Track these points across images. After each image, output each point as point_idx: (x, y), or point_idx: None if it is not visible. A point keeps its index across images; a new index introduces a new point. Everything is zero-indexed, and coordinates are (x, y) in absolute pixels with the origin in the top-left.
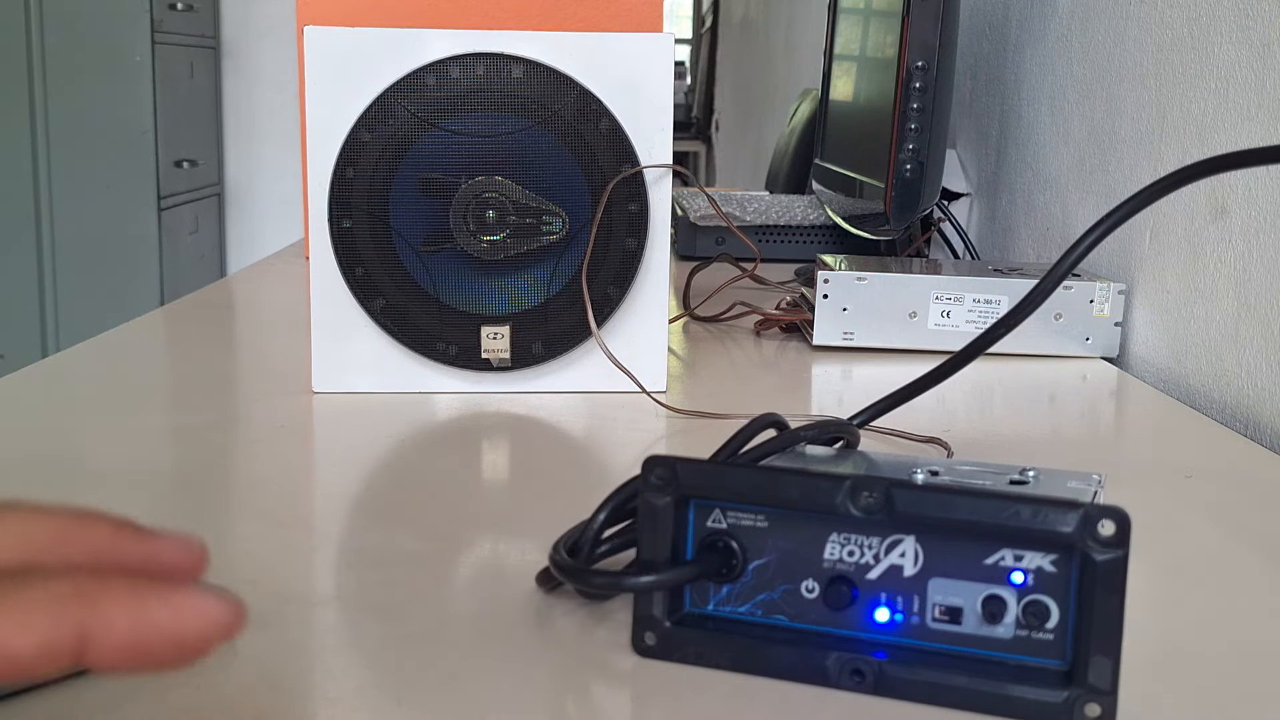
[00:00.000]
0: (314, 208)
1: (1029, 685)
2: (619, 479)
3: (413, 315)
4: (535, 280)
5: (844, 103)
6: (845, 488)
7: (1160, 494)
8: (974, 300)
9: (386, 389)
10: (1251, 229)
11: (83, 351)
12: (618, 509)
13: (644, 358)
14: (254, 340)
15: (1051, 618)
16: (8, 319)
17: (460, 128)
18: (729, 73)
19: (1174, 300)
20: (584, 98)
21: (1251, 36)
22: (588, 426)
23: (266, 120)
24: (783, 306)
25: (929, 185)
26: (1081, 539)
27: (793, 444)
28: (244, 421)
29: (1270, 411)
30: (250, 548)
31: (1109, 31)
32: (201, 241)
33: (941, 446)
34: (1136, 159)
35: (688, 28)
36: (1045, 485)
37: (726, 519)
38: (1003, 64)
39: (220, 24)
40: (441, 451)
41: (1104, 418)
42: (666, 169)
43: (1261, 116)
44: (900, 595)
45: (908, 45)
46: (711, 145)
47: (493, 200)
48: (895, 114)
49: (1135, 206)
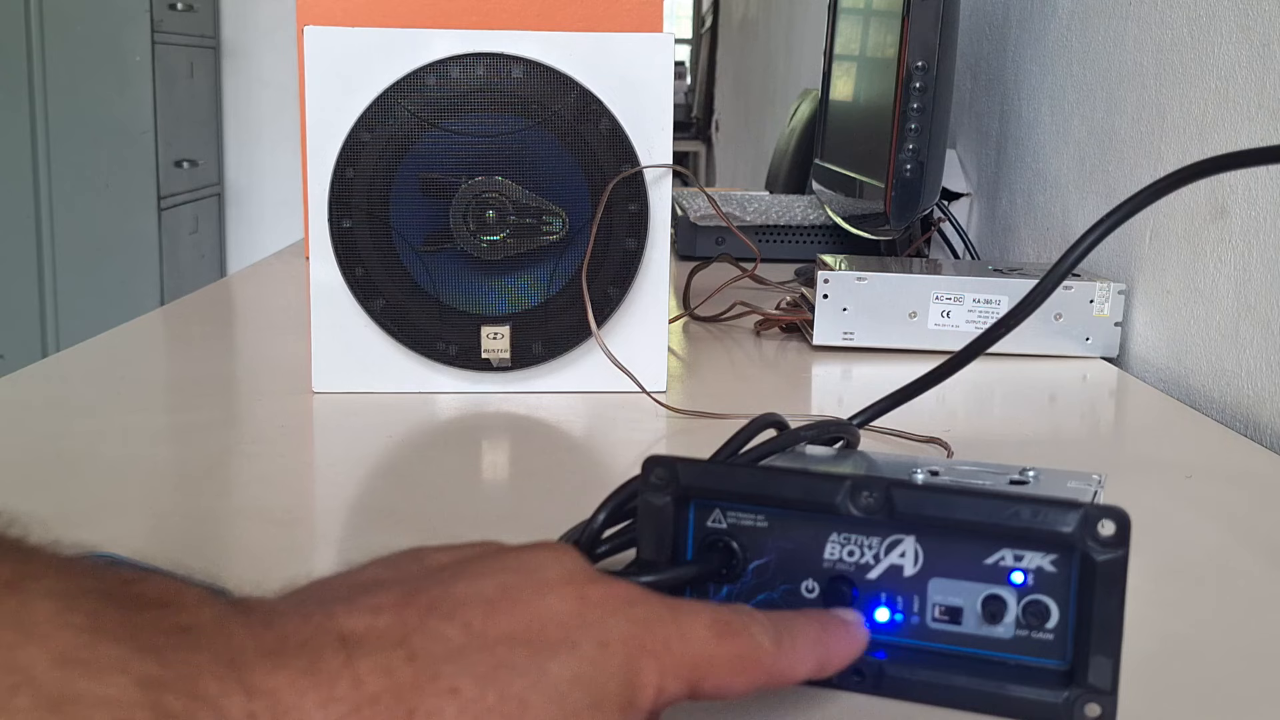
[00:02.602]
0: (314, 208)
1: (1029, 685)
2: (619, 479)
3: (413, 315)
4: (535, 280)
5: (844, 103)
6: (845, 488)
7: (1160, 494)
8: (974, 300)
9: (386, 389)
10: (1251, 229)
11: (83, 351)
12: (618, 509)
13: (644, 358)
14: (254, 340)
15: (1051, 618)
16: (8, 319)
17: (460, 128)
18: (729, 73)
19: (1174, 300)
20: (584, 98)
21: (1251, 36)
22: (588, 426)
23: (266, 120)
24: (783, 306)
25: (929, 185)
26: (1081, 539)
27: (793, 444)
28: (244, 421)
29: (1270, 411)
30: (250, 548)
31: (1109, 31)
32: (201, 241)
33: (941, 446)
34: (1136, 159)
35: (688, 28)
36: (1045, 485)
37: (726, 519)
38: (1003, 64)
39: (220, 24)
40: (441, 451)
41: (1104, 418)
42: (666, 169)
43: (1261, 116)
44: (900, 595)
45: (908, 45)
46: (711, 145)
47: (493, 200)
48: (895, 114)
49: (1135, 206)
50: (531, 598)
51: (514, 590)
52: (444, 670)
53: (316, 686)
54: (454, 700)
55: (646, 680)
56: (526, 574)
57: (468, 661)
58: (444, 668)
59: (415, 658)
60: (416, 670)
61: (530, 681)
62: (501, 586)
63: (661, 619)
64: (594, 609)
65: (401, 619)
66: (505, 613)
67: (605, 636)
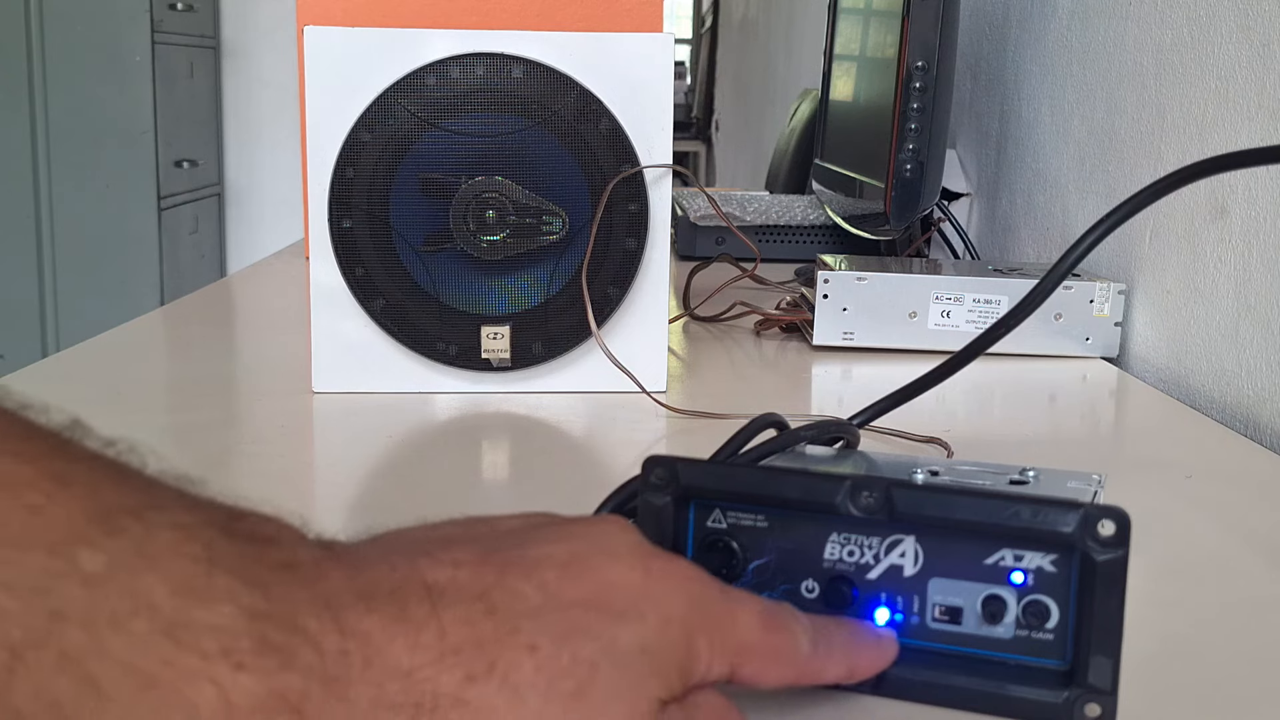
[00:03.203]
0: (314, 208)
1: (1029, 685)
2: (619, 479)
3: (413, 315)
4: (535, 280)
5: (844, 103)
6: (845, 488)
7: (1160, 494)
8: (974, 300)
9: (386, 389)
10: (1251, 229)
11: (83, 351)
12: (618, 509)
13: (644, 358)
14: (254, 340)
15: (1051, 618)
16: (8, 319)
17: (460, 128)
18: (729, 73)
19: (1174, 300)
20: (584, 98)
21: (1251, 36)
22: (588, 426)
23: (266, 120)
24: (783, 306)
25: (929, 185)
26: (1081, 539)
27: (793, 444)
28: (244, 421)
29: (1270, 411)
30: None
31: (1109, 31)
32: (201, 241)
33: (941, 446)
34: (1136, 159)
35: (688, 28)
36: (1045, 485)
37: (726, 519)
38: (1003, 64)
39: (220, 24)
40: (441, 451)
41: (1104, 418)
42: (666, 169)
43: (1261, 116)
44: (900, 595)
45: (908, 45)
46: (711, 145)
47: (493, 200)
48: (895, 114)
49: (1135, 206)
50: (600, 565)
51: (583, 556)
52: (523, 626)
53: (405, 633)
54: (532, 657)
55: (699, 656)
56: (593, 542)
57: (544, 620)
58: (523, 623)
59: (495, 611)
60: (497, 624)
61: (601, 647)
62: (571, 552)
63: (715, 600)
64: (657, 582)
65: (480, 574)
66: (576, 577)
67: (669, 611)
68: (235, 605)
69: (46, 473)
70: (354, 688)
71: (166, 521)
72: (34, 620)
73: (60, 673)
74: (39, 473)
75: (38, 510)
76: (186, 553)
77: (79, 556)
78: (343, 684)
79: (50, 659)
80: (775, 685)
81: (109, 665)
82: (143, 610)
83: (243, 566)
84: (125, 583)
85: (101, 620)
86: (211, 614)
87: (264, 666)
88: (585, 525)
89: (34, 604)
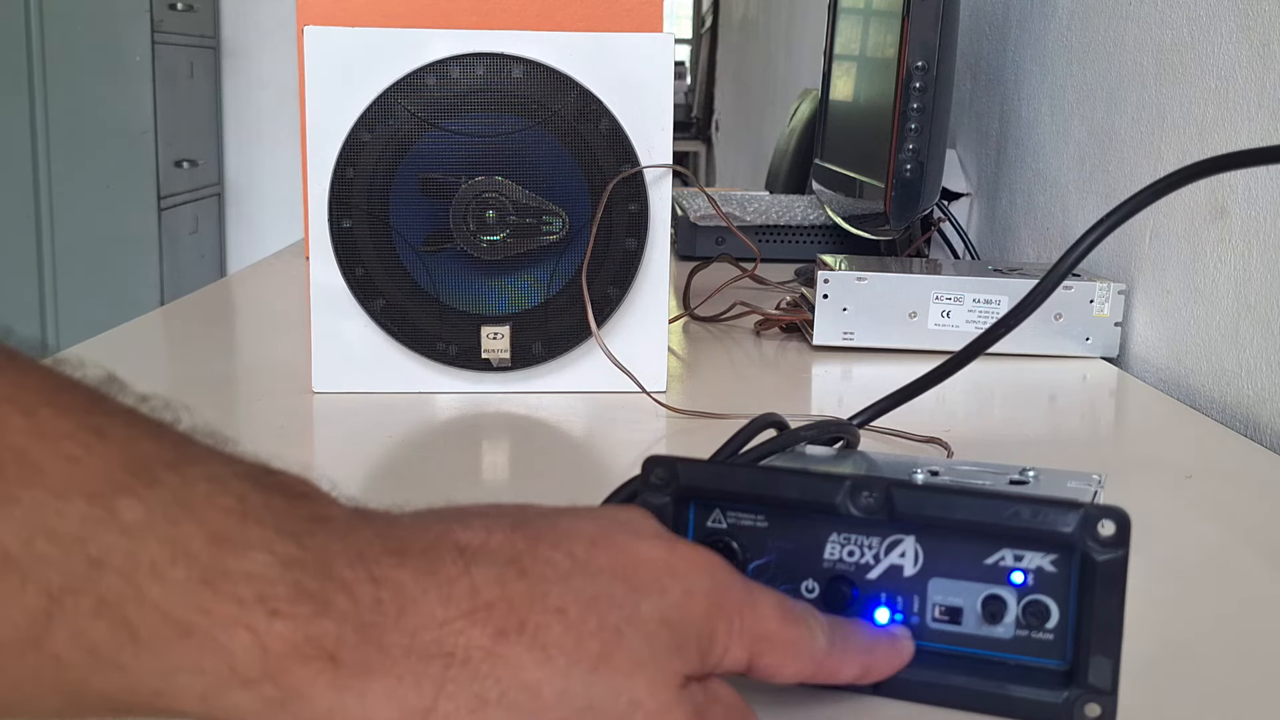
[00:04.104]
0: (314, 208)
1: (1029, 685)
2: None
3: (413, 315)
4: (535, 280)
5: (844, 103)
6: (845, 488)
7: (1160, 494)
8: (974, 300)
9: (386, 389)
10: (1251, 229)
11: (82, 351)
12: None
13: (644, 358)
14: (254, 340)
15: (1051, 618)
16: (8, 319)
17: (460, 128)
18: (729, 73)
19: (1174, 300)
20: (584, 98)
21: (1251, 36)
22: (588, 426)
23: (266, 120)
24: (783, 306)
25: (929, 185)
26: (1081, 539)
27: (793, 444)
28: (244, 421)
29: (1270, 411)
30: None
31: (1109, 31)
32: (201, 241)
33: (941, 446)
34: (1136, 159)
35: (688, 28)
36: (1045, 485)
37: (726, 519)
38: (1003, 64)
39: (220, 24)
40: (441, 451)
41: (1104, 418)
42: (666, 169)
43: (1261, 116)
44: (900, 595)
45: (908, 45)
46: (711, 145)
47: (493, 200)
48: (895, 114)
49: (1135, 206)
50: (627, 542)
51: (611, 533)
52: (553, 590)
53: (438, 585)
54: (561, 619)
55: (719, 638)
56: (621, 523)
57: (574, 586)
58: (553, 588)
59: (526, 574)
60: (528, 586)
61: (626, 615)
62: (600, 529)
63: (737, 587)
64: (681, 562)
65: (511, 540)
66: (604, 550)
67: (691, 588)
68: (270, 553)
69: (84, 425)
70: (388, 635)
71: (202, 474)
72: (74, 567)
73: (98, 618)
74: (77, 425)
75: (76, 460)
76: (221, 504)
77: (118, 505)
78: (378, 630)
79: (89, 605)
80: (791, 680)
81: (146, 611)
82: (180, 558)
83: (275, 517)
84: (164, 531)
85: (141, 568)
86: (247, 562)
87: (299, 613)
88: (611, 510)
89: (74, 551)
